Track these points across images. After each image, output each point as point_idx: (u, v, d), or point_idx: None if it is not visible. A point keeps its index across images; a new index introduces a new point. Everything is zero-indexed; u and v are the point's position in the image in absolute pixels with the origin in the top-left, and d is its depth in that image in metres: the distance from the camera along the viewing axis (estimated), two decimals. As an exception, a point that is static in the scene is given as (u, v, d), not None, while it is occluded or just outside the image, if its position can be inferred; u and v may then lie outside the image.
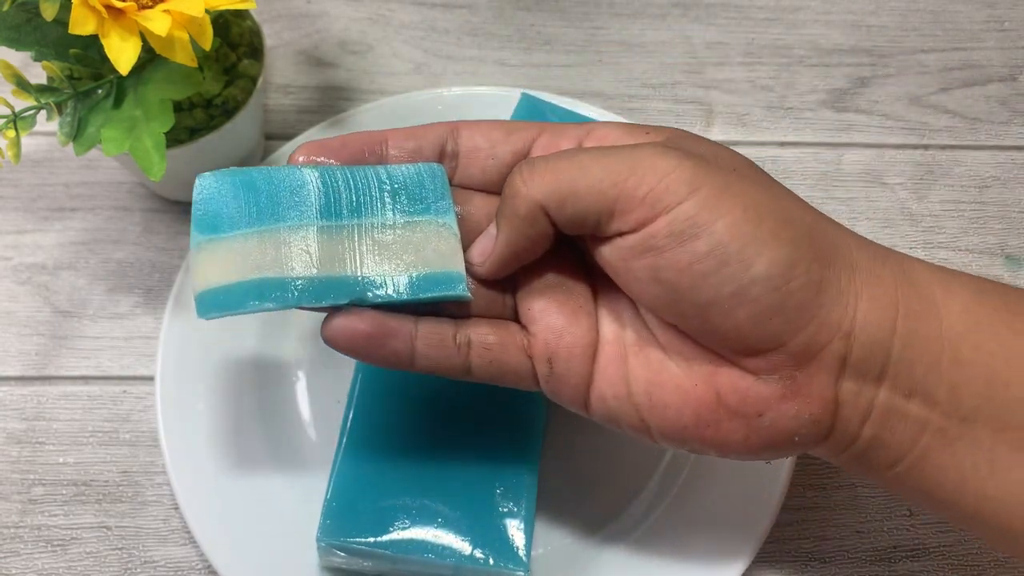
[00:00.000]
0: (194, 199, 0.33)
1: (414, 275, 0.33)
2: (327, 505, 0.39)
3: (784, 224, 0.31)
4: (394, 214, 0.34)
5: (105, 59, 0.39)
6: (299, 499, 0.43)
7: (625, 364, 0.34)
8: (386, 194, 0.34)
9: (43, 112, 0.42)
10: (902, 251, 0.53)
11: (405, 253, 0.33)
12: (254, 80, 0.47)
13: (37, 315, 0.48)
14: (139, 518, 0.44)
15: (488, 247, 0.34)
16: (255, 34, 0.48)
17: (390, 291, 0.33)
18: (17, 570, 0.43)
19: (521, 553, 0.38)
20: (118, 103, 0.42)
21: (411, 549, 0.38)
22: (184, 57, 0.39)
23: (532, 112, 0.48)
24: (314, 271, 0.32)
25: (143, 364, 0.48)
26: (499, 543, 0.39)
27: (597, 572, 0.43)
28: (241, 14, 0.48)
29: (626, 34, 0.59)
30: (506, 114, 0.49)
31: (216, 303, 0.31)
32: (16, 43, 0.42)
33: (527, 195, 0.33)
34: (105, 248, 0.50)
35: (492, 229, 0.34)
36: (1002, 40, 0.60)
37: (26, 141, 0.49)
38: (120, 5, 0.38)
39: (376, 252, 0.33)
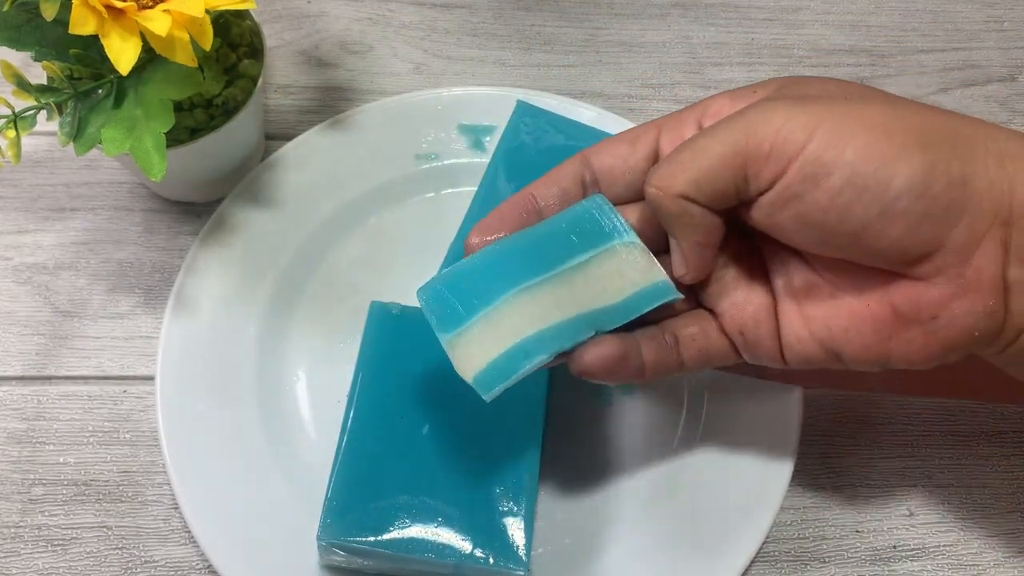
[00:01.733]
0: (424, 309, 0.36)
1: (631, 295, 0.36)
2: (327, 504, 0.39)
3: (913, 134, 0.32)
4: (586, 251, 0.36)
5: (105, 59, 0.39)
6: (299, 498, 0.43)
7: (802, 310, 0.36)
8: (572, 237, 0.37)
9: (43, 112, 0.42)
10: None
11: (614, 279, 0.36)
12: (254, 80, 0.47)
13: (37, 315, 0.49)
14: (139, 518, 0.44)
15: (679, 258, 0.36)
16: (255, 34, 0.48)
17: (620, 316, 0.36)
18: (17, 570, 0.43)
19: (521, 552, 0.38)
20: (118, 103, 0.42)
21: (411, 548, 0.38)
22: (184, 57, 0.39)
23: (527, 118, 0.48)
24: (557, 319, 0.35)
25: (143, 364, 0.48)
26: (499, 542, 0.39)
27: (597, 572, 0.43)
28: (241, 14, 0.48)
29: (626, 34, 0.59)
30: (505, 114, 0.49)
31: (492, 379, 0.34)
32: (16, 43, 0.42)
33: (667, 197, 0.34)
34: (105, 248, 0.50)
35: (672, 244, 0.36)
36: (1001, 40, 0.60)
37: (26, 141, 0.49)
38: (120, 5, 0.38)
39: (592, 286, 0.36)
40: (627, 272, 0.36)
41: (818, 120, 0.32)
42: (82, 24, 0.37)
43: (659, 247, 0.37)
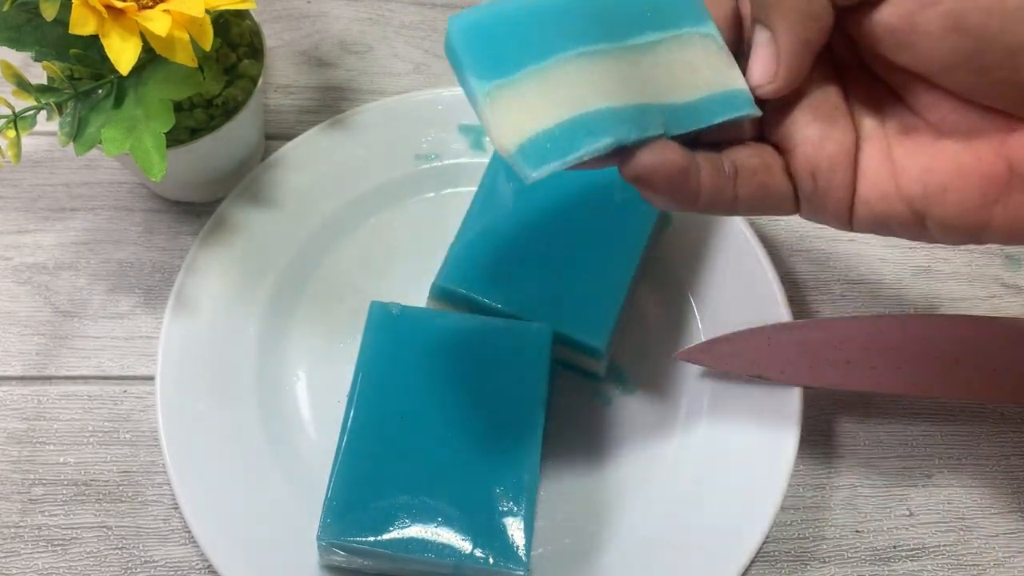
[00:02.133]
0: (453, 44, 0.28)
1: (705, 97, 0.30)
2: (327, 504, 0.39)
3: None
4: (659, 30, 0.30)
5: (105, 59, 0.39)
6: (299, 498, 0.43)
7: (891, 158, 0.30)
8: (647, 10, 0.30)
9: (43, 112, 0.42)
10: (902, 250, 0.53)
11: (687, 73, 0.30)
12: (254, 80, 0.47)
13: (38, 315, 0.49)
14: (139, 518, 0.44)
15: (770, 58, 0.30)
16: (255, 34, 0.48)
17: (689, 118, 0.30)
18: (17, 570, 0.43)
19: (521, 553, 0.38)
20: (118, 103, 0.42)
21: (411, 548, 0.38)
22: (184, 57, 0.39)
23: None
24: (625, 100, 0.28)
25: (143, 364, 0.48)
26: (499, 543, 0.39)
27: (597, 572, 0.43)
28: (241, 14, 0.48)
29: (626, 34, 0.59)
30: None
31: (542, 153, 0.27)
32: (16, 43, 0.42)
33: None
34: (106, 248, 0.50)
35: (762, 38, 0.30)
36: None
37: (26, 141, 0.49)
38: (120, 5, 0.38)
39: (662, 75, 0.30)
40: (701, 68, 0.30)
41: None
42: (82, 24, 0.37)
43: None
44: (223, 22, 0.47)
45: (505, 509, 0.39)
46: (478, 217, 0.46)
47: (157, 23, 0.38)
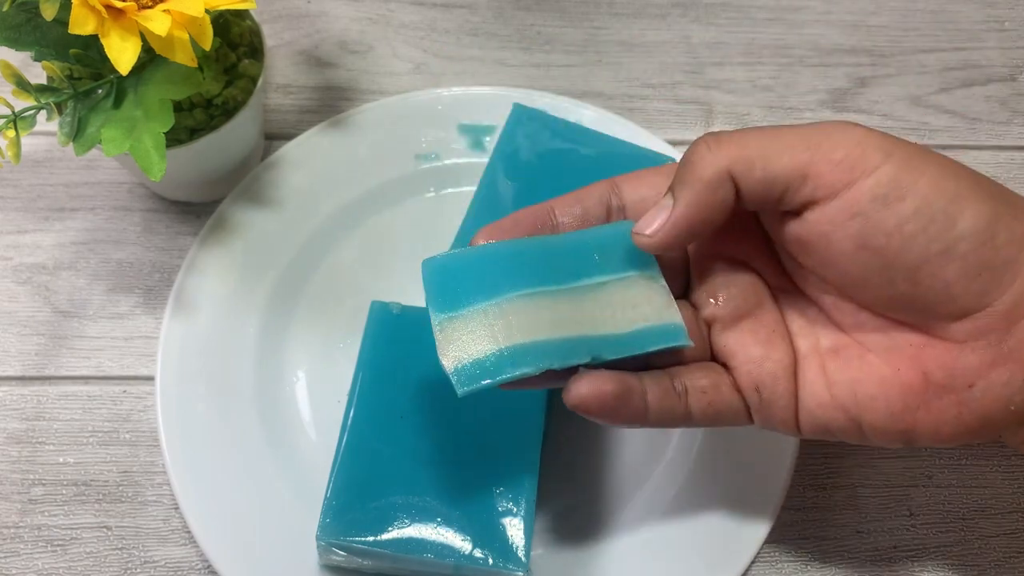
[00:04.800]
0: (424, 282, 0.35)
1: (639, 329, 0.34)
2: (327, 504, 0.39)
3: (977, 182, 0.32)
4: (605, 274, 0.35)
5: (105, 59, 0.39)
6: (299, 498, 0.43)
7: (824, 372, 0.34)
8: (595, 255, 0.35)
9: (43, 112, 0.42)
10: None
11: (626, 309, 0.35)
12: (254, 80, 0.47)
13: (37, 315, 0.49)
14: (139, 518, 0.44)
15: (662, 218, 0.33)
16: (255, 34, 0.48)
17: (622, 348, 0.34)
18: (17, 570, 0.43)
19: (520, 553, 0.38)
20: (118, 103, 0.42)
21: (411, 548, 0.38)
22: (184, 57, 0.39)
23: (524, 121, 0.48)
24: (556, 334, 0.33)
25: (143, 364, 0.48)
26: (499, 543, 0.39)
27: (597, 572, 0.43)
28: (241, 14, 0.48)
29: (626, 34, 0.59)
30: (505, 114, 0.49)
31: (472, 376, 0.32)
32: (16, 43, 0.42)
33: (713, 159, 0.32)
34: (105, 248, 0.50)
35: (666, 201, 0.34)
36: (1002, 40, 0.60)
37: (26, 141, 0.49)
38: (120, 5, 0.38)
39: (601, 311, 0.34)
40: (641, 305, 0.35)
41: (894, 146, 0.32)
42: (82, 24, 0.37)
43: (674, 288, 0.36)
44: (223, 22, 0.47)
45: (505, 509, 0.39)
46: (477, 218, 0.46)
47: (157, 23, 0.38)
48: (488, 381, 0.32)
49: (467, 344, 0.33)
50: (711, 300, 0.36)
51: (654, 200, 0.35)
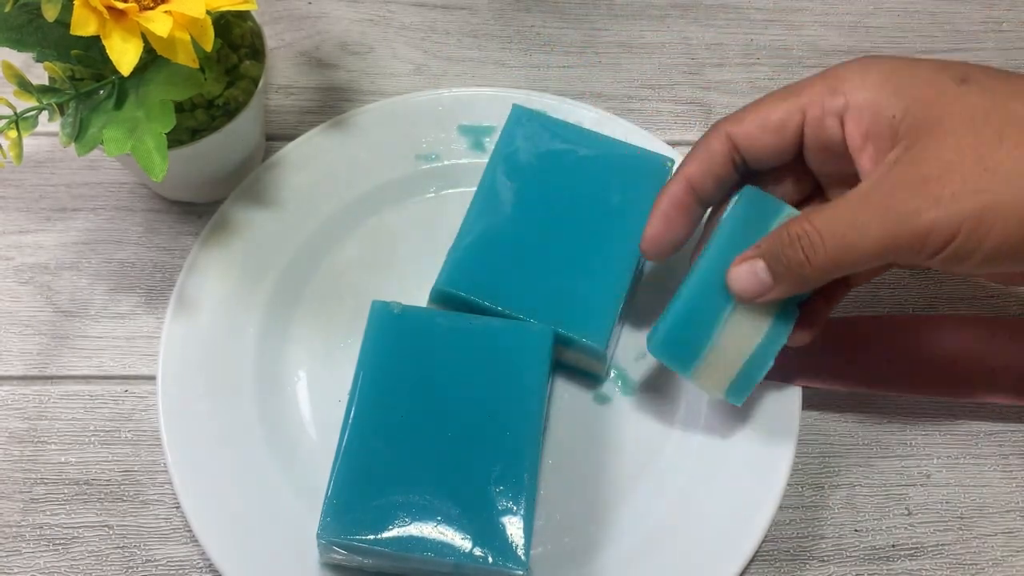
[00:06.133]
0: (659, 356, 0.42)
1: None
2: (328, 502, 0.39)
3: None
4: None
5: (107, 60, 0.39)
6: (299, 497, 0.43)
7: None
8: (747, 240, 0.41)
9: (45, 113, 0.42)
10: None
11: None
12: (255, 81, 0.47)
13: (39, 315, 0.49)
14: (141, 517, 0.44)
15: (757, 285, 0.39)
16: (256, 35, 0.48)
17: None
18: (19, 569, 0.43)
19: (520, 552, 0.39)
20: (120, 104, 0.43)
21: (411, 547, 0.38)
22: (185, 58, 0.39)
23: (523, 122, 0.48)
24: (766, 327, 0.41)
25: (145, 364, 0.48)
26: (498, 542, 0.39)
27: (596, 571, 0.43)
28: (242, 15, 0.48)
29: (625, 35, 0.59)
30: (505, 114, 0.49)
31: (740, 390, 0.42)
32: (18, 44, 0.42)
33: (814, 270, 0.38)
34: (107, 248, 0.50)
35: (764, 277, 0.39)
36: (1000, 41, 0.60)
37: (28, 142, 0.49)
38: (121, 6, 0.38)
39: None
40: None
41: (961, 216, 0.35)
42: (83, 25, 0.37)
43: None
44: (224, 23, 0.47)
45: (505, 508, 0.39)
46: (478, 217, 0.46)
47: (158, 24, 0.38)
48: (753, 386, 0.41)
49: (721, 377, 0.41)
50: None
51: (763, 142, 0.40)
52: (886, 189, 0.36)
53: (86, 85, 0.43)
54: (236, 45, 0.48)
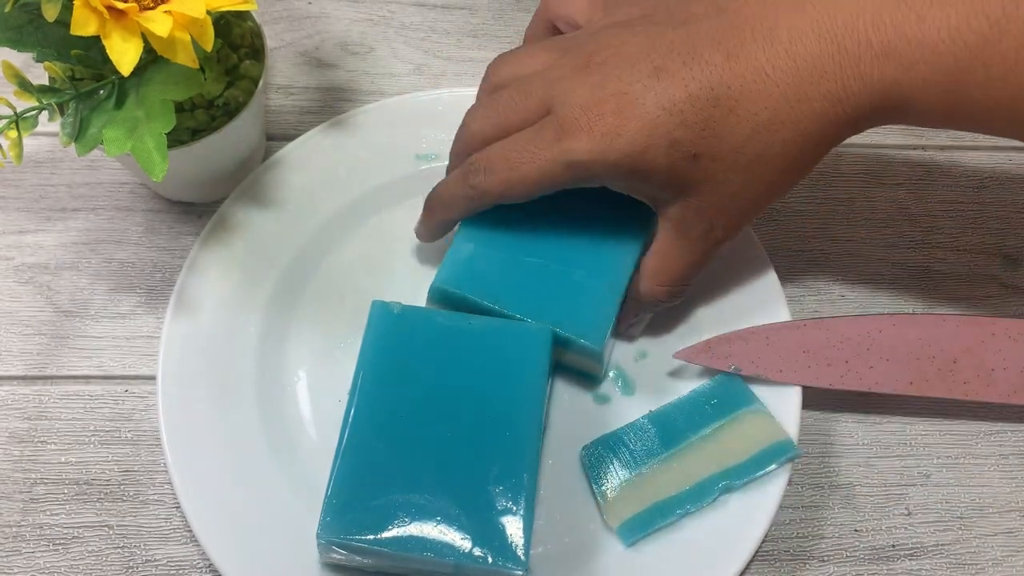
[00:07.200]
0: (584, 466, 0.44)
1: (755, 453, 0.43)
2: (327, 502, 0.39)
3: None
4: (719, 418, 0.44)
5: (107, 60, 0.39)
6: (299, 497, 0.43)
7: None
8: (708, 407, 0.45)
9: (45, 113, 0.42)
10: (901, 250, 0.53)
11: (741, 441, 0.44)
12: (255, 81, 0.47)
13: (39, 315, 0.49)
14: (141, 517, 0.44)
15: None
16: (256, 35, 0.48)
17: (746, 472, 0.43)
18: (19, 569, 0.43)
19: (520, 552, 0.39)
20: (120, 104, 0.43)
21: (411, 547, 0.38)
22: (185, 58, 0.39)
23: None
24: (688, 484, 0.43)
25: (145, 364, 0.48)
26: (498, 542, 0.39)
27: (596, 572, 0.43)
28: (242, 15, 0.48)
29: (626, 35, 0.59)
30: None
31: (632, 531, 0.43)
32: (18, 44, 0.42)
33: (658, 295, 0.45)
34: (107, 248, 0.51)
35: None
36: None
37: (28, 142, 0.50)
38: (121, 6, 0.38)
39: (720, 449, 0.44)
40: (753, 434, 0.44)
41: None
42: (83, 25, 0.37)
43: None
44: (224, 23, 0.47)
45: (504, 508, 0.39)
46: (477, 217, 0.46)
47: (158, 24, 0.38)
48: (647, 532, 0.43)
49: (625, 508, 0.43)
50: None
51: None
52: None
53: (86, 85, 0.43)
54: (236, 45, 0.48)
